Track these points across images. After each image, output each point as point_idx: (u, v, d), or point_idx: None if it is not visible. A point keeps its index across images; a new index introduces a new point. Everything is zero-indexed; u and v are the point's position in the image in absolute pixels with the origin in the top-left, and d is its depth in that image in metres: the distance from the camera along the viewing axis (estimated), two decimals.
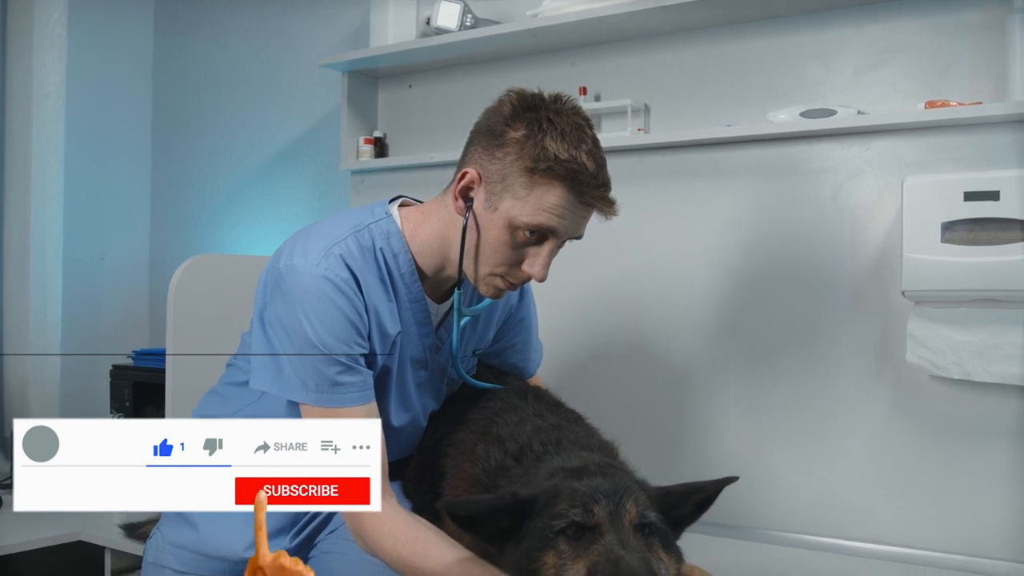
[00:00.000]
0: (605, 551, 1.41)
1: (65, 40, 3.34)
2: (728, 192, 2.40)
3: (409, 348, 1.81)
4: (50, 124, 3.32)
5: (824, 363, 2.25)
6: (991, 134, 2.05)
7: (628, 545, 1.42)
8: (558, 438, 1.69)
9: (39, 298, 3.24)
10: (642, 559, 1.40)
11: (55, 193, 3.32)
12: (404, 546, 1.59)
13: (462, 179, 1.69)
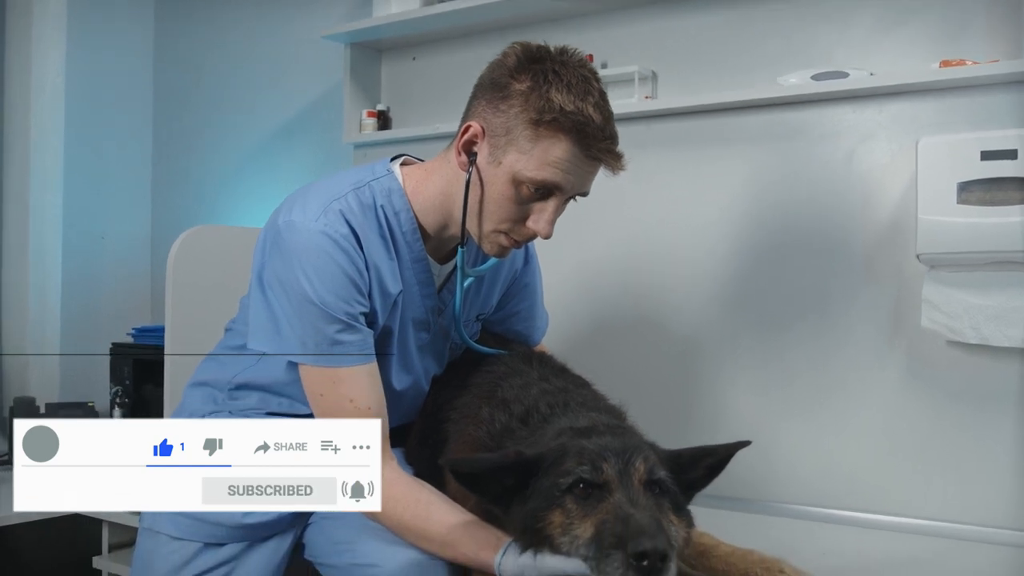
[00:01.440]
0: (614, 508, 1.36)
1: (65, 19, 3.31)
2: (737, 159, 2.34)
3: (411, 309, 1.77)
4: (50, 103, 3.28)
5: (836, 331, 2.20)
6: (1008, 93, 2.00)
7: (638, 503, 1.37)
8: (565, 400, 1.65)
9: (38, 278, 3.21)
10: (652, 517, 1.35)
11: (54, 173, 3.29)
12: (405, 509, 1.55)
13: (465, 133, 1.65)
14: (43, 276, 3.22)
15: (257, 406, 1.82)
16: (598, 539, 1.34)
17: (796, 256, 2.26)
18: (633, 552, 1.27)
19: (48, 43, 3.28)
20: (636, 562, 1.28)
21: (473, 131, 1.64)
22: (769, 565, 1.56)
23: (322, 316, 1.59)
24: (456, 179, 1.68)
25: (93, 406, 2.75)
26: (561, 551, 1.38)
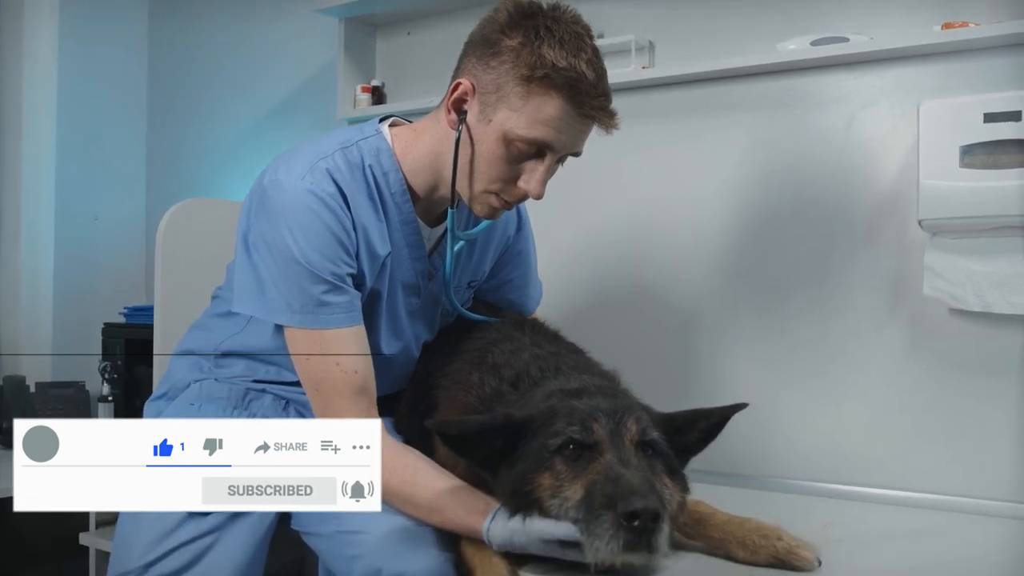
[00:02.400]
0: (604, 469, 1.32)
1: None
2: (736, 128, 2.30)
3: (400, 272, 1.73)
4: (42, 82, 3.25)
5: (837, 301, 2.16)
6: (1011, 55, 1.95)
7: (629, 463, 1.33)
8: (557, 364, 1.61)
9: (30, 260, 3.19)
10: (644, 477, 1.31)
11: (46, 153, 3.26)
12: (392, 474, 1.51)
13: (455, 91, 1.61)
14: (35, 258, 3.19)
15: (243, 374, 1.79)
16: (588, 500, 1.30)
17: (796, 225, 2.22)
18: (623, 512, 1.24)
19: (40, 21, 3.25)
20: (627, 522, 1.24)
21: (463, 88, 1.60)
22: (767, 533, 1.52)
23: (308, 276, 1.55)
24: (446, 138, 1.65)
25: (84, 385, 2.72)
26: (551, 514, 1.34)
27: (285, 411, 1.78)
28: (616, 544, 1.25)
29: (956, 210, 1.91)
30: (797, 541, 1.50)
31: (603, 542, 1.26)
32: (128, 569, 1.63)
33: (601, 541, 1.26)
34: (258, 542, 1.68)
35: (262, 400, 1.78)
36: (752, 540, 1.51)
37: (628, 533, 1.24)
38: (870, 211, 2.12)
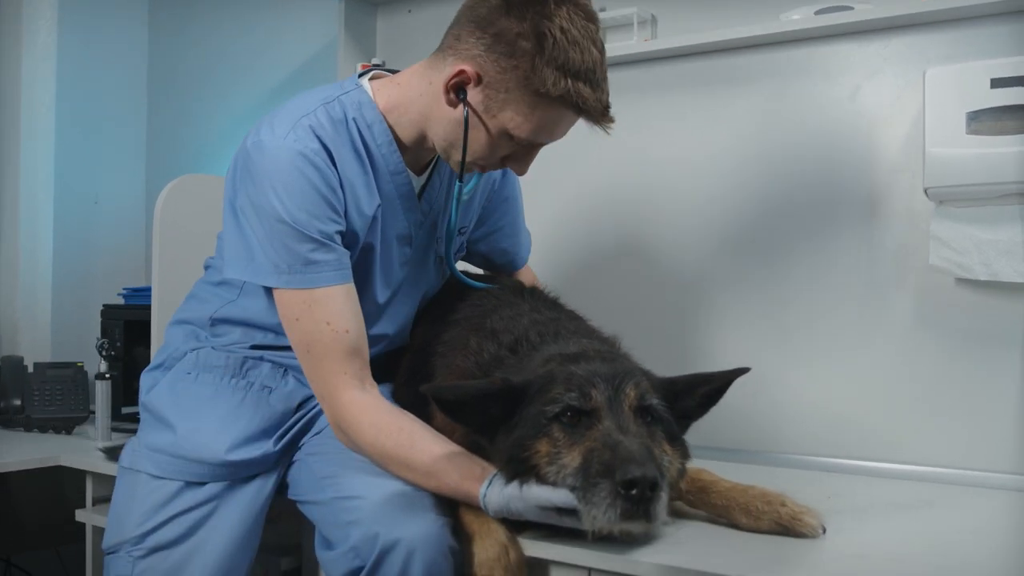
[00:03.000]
0: (602, 436, 1.30)
1: None
2: (740, 100, 2.27)
3: (393, 224, 1.72)
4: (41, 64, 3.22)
5: (842, 273, 2.12)
6: (1018, 20, 1.92)
7: (627, 430, 1.32)
8: (556, 330, 1.59)
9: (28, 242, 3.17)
10: (642, 444, 1.29)
11: (45, 136, 3.23)
12: (387, 437, 1.49)
13: (458, 75, 1.58)
14: (34, 240, 3.17)
15: (240, 340, 1.77)
16: (585, 468, 1.29)
17: (800, 196, 2.19)
18: (621, 480, 1.22)
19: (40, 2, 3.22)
20: (624, 491, 1.23)
21: (466, 77, 1.58)
22: (771, 499, 1.50)
23: (294, 235, 1.54)
24: (436, 104, 1.63)
25: (82, 365, 2.69)
26: (548, 481, 1.33)
27: (284, 378, 1.76)
28: (613, 513, 1.24)
29: (962, 178, 1.87)
30: (801, 508, 1.48)
31: (600, 511, 1.24)
32: (124, 539, 1.62)
33: (598, 510, 1.25)
34: (255, 513, 1.67)
35: (260, 368, 1.76)
36: (756, 506, 1.50)
37: (625, 502, 1.23)
38: (876, 182, 2.09)
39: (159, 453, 1.67)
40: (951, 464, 1.98)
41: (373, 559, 1.39)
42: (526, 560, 1.43)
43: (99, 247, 3.33)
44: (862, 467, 2.06)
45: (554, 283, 1.98)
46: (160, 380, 1.78)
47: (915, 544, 1.50)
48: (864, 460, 2.07)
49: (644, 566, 1.35)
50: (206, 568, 1.59)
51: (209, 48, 3.48)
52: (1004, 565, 1.39)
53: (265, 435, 1.69)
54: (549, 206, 2.49)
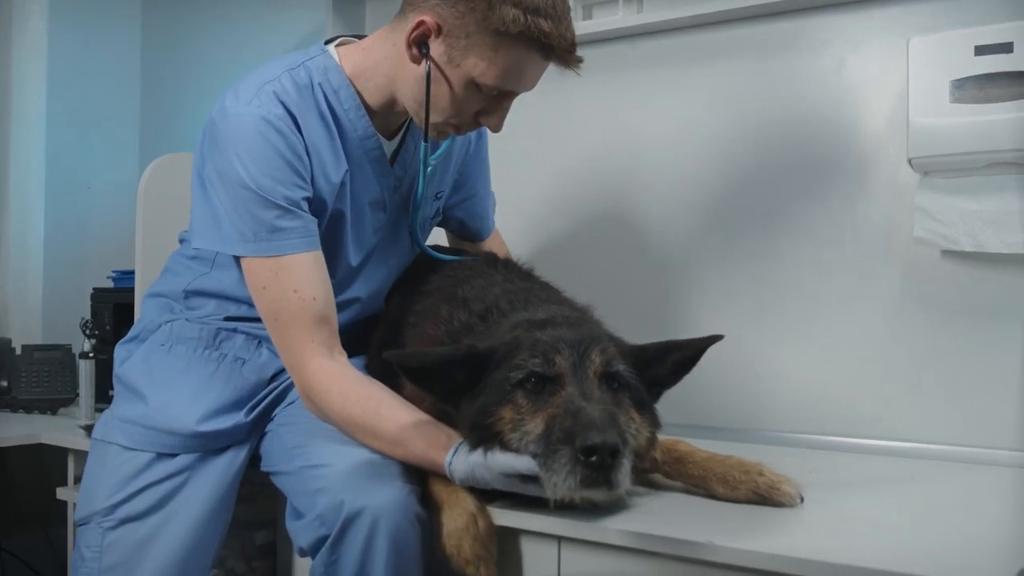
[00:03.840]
0: (565, 402, 1.29)
1: None
2: (725, 74, 2.24)
3: (365, 190, 1.70)
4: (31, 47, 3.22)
5: (827, 248, 2.09)
6: None
7: (591, 396, 1.30)
8: (527, 298, 1.58)
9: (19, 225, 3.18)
10: (605, 411, 1.27)
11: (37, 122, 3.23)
12: (354, 405, 1.48)
13: (417, 27, 1.57)
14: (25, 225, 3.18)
15: (214, 312, 1.77)
16: (547, 435, 1.27)
17: (785, 171, 2.15)
18: (581, 447, 1.21)
19: None
20: (584, 457, 1.21)
21: (426, 27, 1.56)
22: (748, 468, 1.49)
23: (259, 201, 1.53)
24: (401, 64, 1.62)
25: (70, 348, 2.69)
26: (511, 448, 1.32)
27: (257, 350, 1.75)
28: (573, 480, 1.22)
29: (947, 147, 1.84)
30: (779, 477, 1.47)
31: (560, 478, 1.23)
32: (94, 511, 1.61)
33: (558, 477, 1.23)
34: (227, 485, 1.66)
35: (233, 340, 1.75)
36: (733, 476, 1.48)
37: (586, 469, 1.21)
38: (862, 155, 2.06)
39: (131, 424, 1.66)
40: (937, 440, 1.94)
41: (338, 527, 1.38)
42: (496, 529, 1.41)
43: (92, 232, 3.32)
44: (847, 444, 2.03)
45: (537, 259, 1.96)
46: (134, 352, 1.78)
47: (895, 514, 1.49)
48: (849, 437, 2.04)
49: (613, 533, 1.34)
50: (177, 540, 1.59)
51: (202, 33, 3.47)
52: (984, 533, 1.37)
53: (237, 406, 1.68)
54: (533, 182, 2.47)
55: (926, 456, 1.93)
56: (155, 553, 1.57)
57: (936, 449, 1.93)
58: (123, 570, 1.56)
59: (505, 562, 1.43)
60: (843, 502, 1.53)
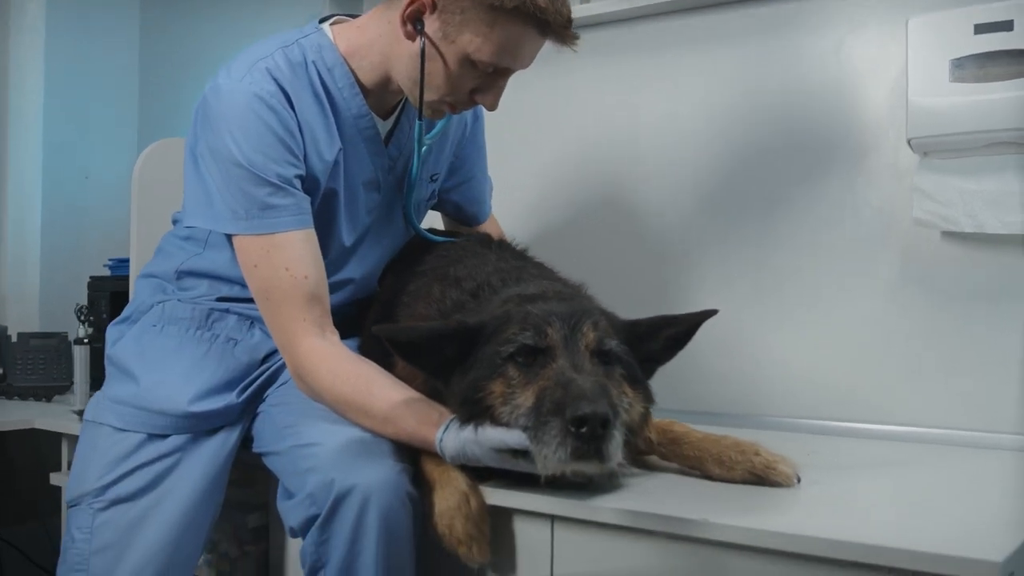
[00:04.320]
0: (555, 375, 1.27)
1: None
2: (724, 57, 2.22)
3: (359, 169, 1.69)
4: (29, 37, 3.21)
5: (826, 231, 2.07)
6: None
7: (582, 369, 1.28)
8: (519, 276, 1.56)
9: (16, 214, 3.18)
10: (596, 382, 1.25)
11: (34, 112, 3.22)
12: (345, 383, 1.47)
13: (412, 4, 1.55)
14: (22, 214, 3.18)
15: (207, 293, 1.76)
16: (538, 407, 1.25)
17: (784, 154, 2.14)
18: (571, 417, 1.18)
19: None
20: (575, 428, 1.18)
21: (421, 4, 1.55)
22: (744, 448, 1.47)
23: (251, 178, 1.51)
24: (397, 43, 1.60)
25: (67, 335, 2.68)
26: (502, 422, 1.30)
27: (250, 331, 1.74)
28: (563, 452, 1.20)
29: (946, 127, 1.83)
30: (776, 456, 1.45)
31: (551, 450, 1.21)
32: (85, 491, 1.60)
33: (549, 449, 1.21)
34: (219, 467, 1.65)
35: (226, 320, 1.73)
36: (728, 456, 1.46)
37: (576, 440, 1.19)
38: (861, 137, 2.04)
39: (122, 405, 1.64)
40: (938, 424, 1.92)
41: (329, 505, 1.37)
42: (488, 509, 1.40)
43: (89, 221, 3.31)
44: (846, 428, 2.01)
45: (534, 244, 1.94)
46: (126, 333, 1.76)
47: (894, 494, 1.47)
48: (848, 422, 2.02)
49: (607, 512, 1.32)
50: (167, 522, 1.57)
51: (201, 22, 3.46)
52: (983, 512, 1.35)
53: (229, 387, 1.67)
54: (531, 166, 2.46)
55: (926, 440, 1.91)
56: (146, 534, 1.56)
57: (937, 433, 1.91)
58: (114, 551, 1.55)
59: (498, 542, 1.41)
60: (841, 483, 1.51)
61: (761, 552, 1.21)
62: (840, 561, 1.14)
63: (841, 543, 1.15)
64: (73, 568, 1.56)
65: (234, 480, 1.71)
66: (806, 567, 1.18)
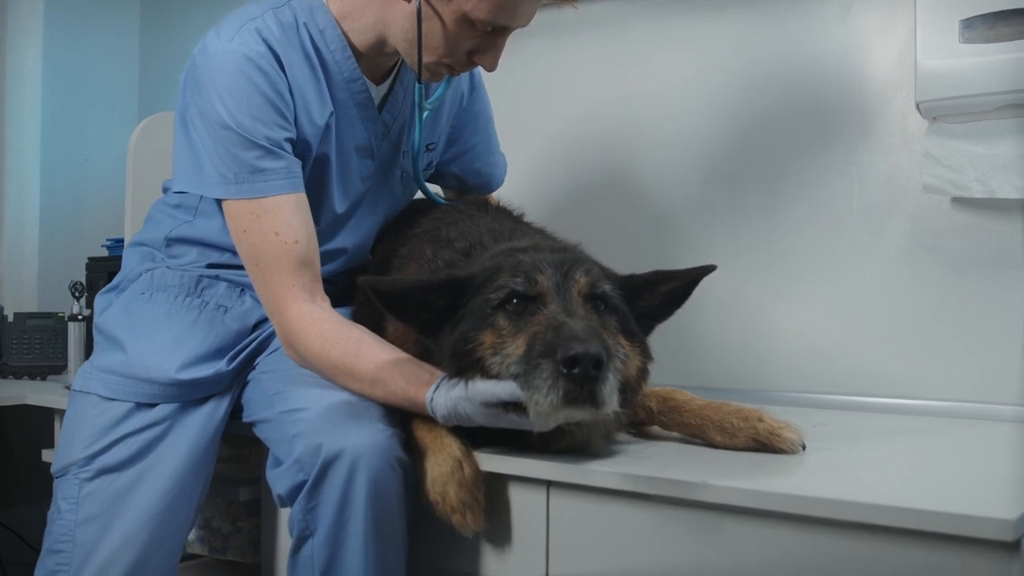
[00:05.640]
0: (546, 319, 1.22)
1: None
2: (727, 24, 2.17)
3: (351, 134, 1.65)
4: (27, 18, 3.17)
5: (833, 201, 2.02)
6: None
7: (575, 313, 1.23)
8: (512, 235, 1.51)
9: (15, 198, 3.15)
10: (588, 325, 1.20)
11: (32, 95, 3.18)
12: (333, 347, 1.42)
13: None
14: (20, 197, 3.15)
15: (196, 260, 1.72)
16: (528, 352, 1.20)
17: (790, 122, 2.09)
18: (563, 358, 1.12)
19: None
20: (567, 369, 1.13)
21: None
22: (747, 415, 1.42)
23: (240, 141, 1.47)
24: (391, 3, 1.57)
25: (63, 316, 2.65)
26: (492, 373, 1.25)
27: (240, 298, 1.70)
28: (555, 395, 1.14)
29: (956, 90, 1.77)
30: (780, 423, 1.40)
31: (542, 395, 1.15)
32: (72, 461, 1.56)
33: (540, 394, 1.15)
34: (208, 437, 1.61)
35: (216, 287, 1.70)
36: (731, 423, 1.42)
37: (568, 382, 1.13)
38: (868, 103, 1.99)
39: (110, 374, 1.61)
40: (949, 397, 1.87)
41: (316, 471, 1.33)
42: (482, 475, 1.36)
43: (89, 203, 3.28)
44: (855, 402, 1.96)
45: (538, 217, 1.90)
46: (114, 301, 1.73)
47: (901, 461, 1.43)
48: (857, 395, 1.97)
49: (603, 476, 1.28)
50: (156, 492, 1.53)
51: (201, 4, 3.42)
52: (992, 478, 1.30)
53: (218, 354, 1.63)
54: (533, 140, 2.41)
55: (937, 413, 1.86)
56: (133, 505, 1.52)
57: (947, 406, 1.86)
58: (100, 522, 1.51)
59: (493, 509, 1.37)
60: (848, 450, 1.47)
61: (762, 515, 1.16)
62: (845, 523, 1.10)
63: (846, 503, 1.10)
64: (59, 539, 1.53)
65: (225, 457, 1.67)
66: (810, 531, 1.13)
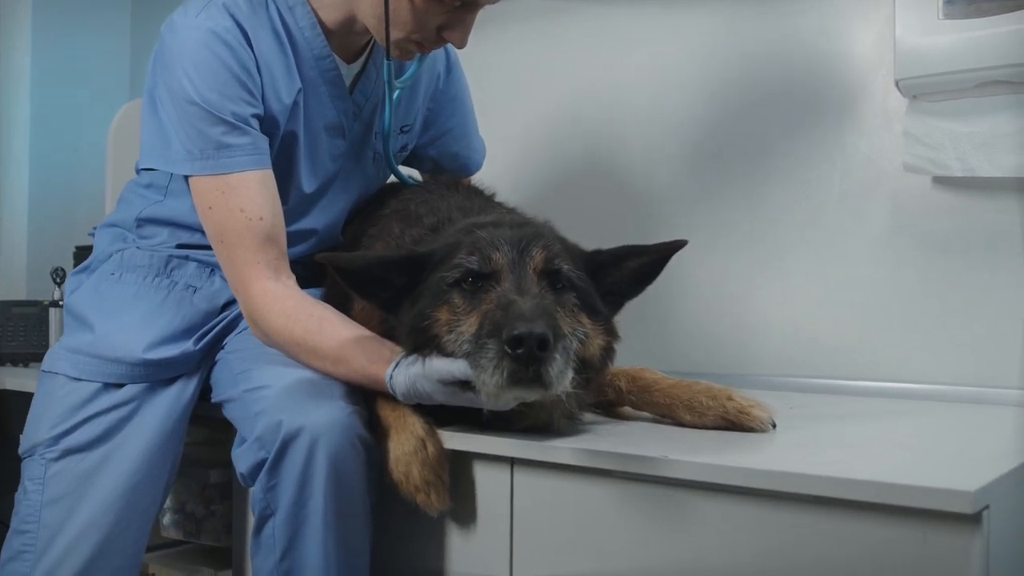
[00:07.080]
0: (497, 297, 1.20)
1: None
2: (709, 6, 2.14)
3: (320, 113, 1.64)
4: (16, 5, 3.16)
5: (814, 183, 1.99)
6: None
7: (527, 291, 1.21)
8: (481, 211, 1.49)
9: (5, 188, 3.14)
10: (538, 304, 1.18)
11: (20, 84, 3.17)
12: (296, 324, 1.41)
13: None
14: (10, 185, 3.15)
15: (167, 240, 1.71)
16: (479, 332, 1.18)
17: (769, 105, 2.06)
18: (507, 338, 1.11)
19: None
20: (511, 350, 1.11)
21: None
22: (715, 394, 1.41)
23: (205, 117, 1.46)
24: None
25: (46, 303, 2.64)
26: (447, 351, 1.24)
27: (210, 278, 1.69)
28: (500, 376, 1.13)
29: (936, 66, 1.74)
30: (749, 401, 1.39)
31: (488, 374, 1.14)
32: (37, 442, 1.56)
33: (486, 373, 1.14)
34: (176, 417, 1.60)
35: (185, 267, 1.69)
36: (700, 401, 1.40)
37: (513, 362, 1.12)
38: (848, 83, 1.96)
39: (77, 354, 1.60)
40: (934, 380, 1.84)
41: (276, 448, 1.31)
42: (446, 454, 1.34)
43: (80, 193, 3.26)
44: (837, 386, 1.94)
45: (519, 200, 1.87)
46: (84, 282, 1.72)
47: (871, 439, 1.41)
48: (840, 379, 1.94)
49: (566, 452, 1.26)
50: (122, 473, 1.52)
51: None
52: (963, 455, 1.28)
53: (186, 334, 1.62)
54: (514, 125, 2.39)
55: (920, 396, 1.83)
56: (100, 485, 1.51)
57: (932, 389, 1.83)
58: (66, 502, 1.50)
59: (457, 487, 1.36)
60: (819, 430, 1.45)
61: (724, 489, 1.14)
62: (806, 496, 1.08)
63: (806, 476, 1.08)
64: (24, 520, 1.52)
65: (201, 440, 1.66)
66: (773, 506, 1.11)
